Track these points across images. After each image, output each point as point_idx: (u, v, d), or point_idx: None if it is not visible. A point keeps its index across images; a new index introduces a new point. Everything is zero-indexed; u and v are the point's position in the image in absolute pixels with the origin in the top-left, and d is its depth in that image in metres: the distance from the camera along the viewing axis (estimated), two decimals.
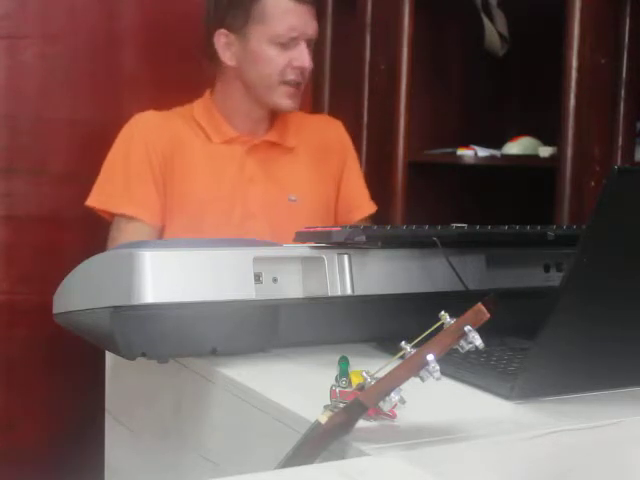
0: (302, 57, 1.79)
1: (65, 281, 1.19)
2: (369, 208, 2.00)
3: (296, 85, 1.82)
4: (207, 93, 1.90)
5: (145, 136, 1.81)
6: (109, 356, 1.34)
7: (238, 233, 1.74)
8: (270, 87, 1.81)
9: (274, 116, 1.90)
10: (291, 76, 1.80)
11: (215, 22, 1.82)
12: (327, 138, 1.97)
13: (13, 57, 1.98)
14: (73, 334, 1.17)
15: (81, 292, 1.14)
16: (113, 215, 1.82)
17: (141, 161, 1.79)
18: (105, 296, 1.05)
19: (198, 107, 1.88)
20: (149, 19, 2.11)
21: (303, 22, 1.78)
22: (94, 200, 1.83)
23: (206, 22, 1.85)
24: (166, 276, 1.03)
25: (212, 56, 1.84)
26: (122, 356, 1.06)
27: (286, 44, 1.77)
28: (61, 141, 2.04)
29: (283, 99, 1.82)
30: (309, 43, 1.82)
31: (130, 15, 2.09)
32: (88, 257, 1.14)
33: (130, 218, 1.78)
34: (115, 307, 1.03)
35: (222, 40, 1.81)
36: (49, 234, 2.03)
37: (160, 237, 1.81)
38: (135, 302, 1.02)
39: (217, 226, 1.78)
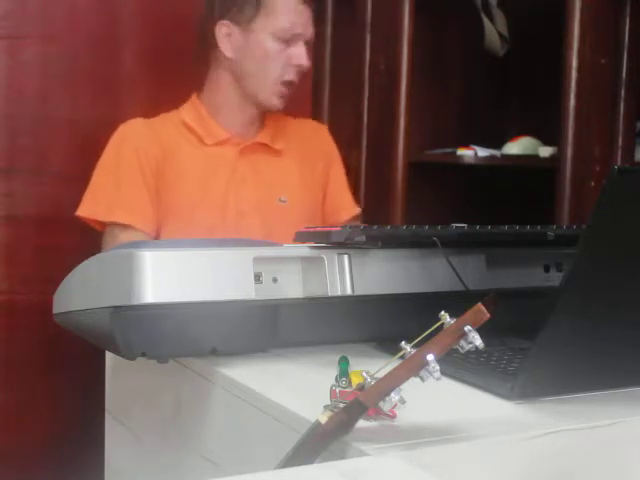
0: (302, 55, 1.82)
1: (65, 281, 1.19)
2: (354, 209, 2.03)
3: (289, 85, 1.84)
4: (194, 97, 1.91)
5: (135, 143, 1.81)
6: (109, 356, 1.34)
7: (232, 233, 1.74)
8: (265, 83, 1.83)
9: (263, 118, 1.92)
10: (289, 75, 1.83)
11: (219, 13, 1.84)
12: (313, 142, 2.00)
13: (13, 57, 1.97)
14: (73, 334, 1.17)
15: (81, 292, 1.14)
16: (104, 225, 1.81)
17: (132, 168, 1.79)
18: (105, 296, 1.05)
19: (186, 111, 1.89)
20: (149, 19, 2.11)
21: (304, 23, 1.83)
22: (85, 210, 1.81)
23: (207, 14, 1.87)
24: (166, 276, 1.03)
25: (208, 49, 1.86)
26: (122, 356, 1.06)
27: (288, 41, 1.80)
28: (61, 141, 2.03)
29: (274, 98, 1.84)
30: (307, 44, 1.85)
31: (130, 15, 2.09)
32: (88, 257, 1.14)
33: (124, 226, 1.77)
34: (115, 307, 1.03)
35: (223, 31, 1.83)
36: (49, 234, 2.03)
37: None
38: (135, 302, 1.02)
39: (211, 227, 1.79)
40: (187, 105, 1.91)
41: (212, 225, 1.80)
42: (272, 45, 1.81)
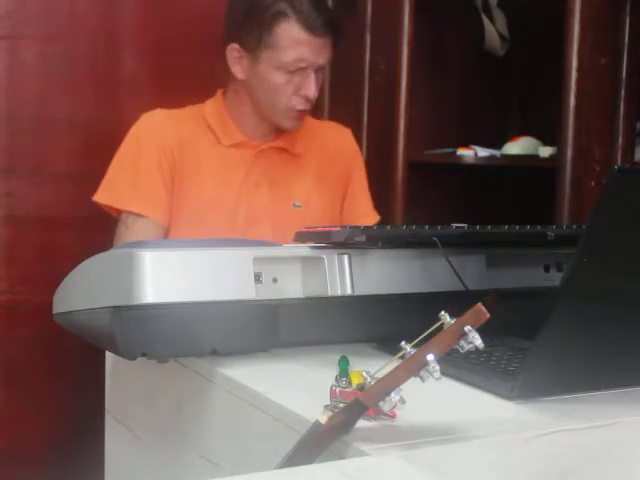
0: (309, 87, 1.77)
1: (65, 281, 1.19)
2: (373, 217, 2.00)
3: (301, 111, 1.82)
4: (219, 93, 1.89)
5: (155, 135, 1.80)
6: (109, 356, 1.34)
7: (242, 237, 1.73)
8: (275, 110, 1.81)
9: None
10: (298, 106, 1.79)
11: (229, 35, 1.81)
12: (335, 146, 1.97)
13: (13, 57, 1.98)
14: (73, 334, 1.17)
15: (81, 292, 1.14)
16: (120, 212, 1.81)
17: (150, 159, 1.78)
18: (105, 296, 1.05)
19: (209, 107, 1.87)
20: (149, 19, 2.11)
21: (314, 53, 1.76)
22: (102, 196, 1.81)
23: (223, 32, 1.83)
24: (166, 276, 1.03)
25: (225, 65, 1.83)
26: (122, 356, 1.06)
27: (294, 72, 1.76)
28: (61, 141, 2.04)
29: (287, 121, 1.83)
30: (319, 70, 1.80)
31: (130, 15, 2.09)
32: (88, 257, 1.14)
33: (138, 215, 1.77)
34: (115, 307, 1.03)
35: (234, 54, 1.80)
36: (49, 234, 2.03)
37: (166, 236, 1.81)
38: (135, 302, 1.02)
39: (221, 228, 1.78)
40: (211, 101, 1.88)
41: (221, 228, 1.79)
42: (277, 77, 1.76)
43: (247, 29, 1.77)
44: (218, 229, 1.78)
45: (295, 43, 1.74)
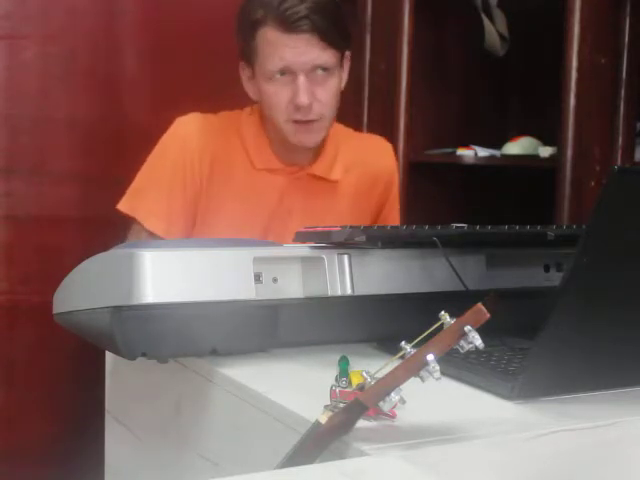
0: (297, 93, 1.58)
1: (65, 281, 1.19)
2: None
3: (306, 124, 1.63)
4: (257, 107, 1.72)
5: (185, 149, 1.68)
6: (109, 356, 1.34)
7: None
8: (279, 126, 1.64)
9: (321, 143, 1.72)
10: (295, 115, 1.61)
11: (239, 53, 1.68)
12: (377, 167, 1.83)
13: (13, 57, 1.97)
14: (73, 334, 1.17)
15: (81, 292, 1.14)
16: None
17: (176, 176, 1.68)
18: (105, 296, 1.05)
19: (247, 123, 1.73)
20: (149, 19, 2.11)
21: (296, 53, 1.56)
22: (125, 205, 1.72)
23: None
24: (166, 276, 1.03)
25: None
26: (122, 356, 1.06)
27: (283, 80, 1.59)
28: (61, 141, 2.03)
29: (295, 137, 1.65)
30: (312, 73, 1.59)
31: (130, 15, 2.09)
32: (88, 257, 1.14)
33: (152, 233, 1.69)
34: (115, 307, 1.03)
35: (246, 74, 1.69)
36: (49, 234, 2.03)
37: None
38: (135, 302, 1.02)
39: None
40: (250, 117, 1.73)
41: None
42: (268, 89, 1.61)
43: (241, 44, 1.66)
44: None
45: (272, 46, 1.57)
